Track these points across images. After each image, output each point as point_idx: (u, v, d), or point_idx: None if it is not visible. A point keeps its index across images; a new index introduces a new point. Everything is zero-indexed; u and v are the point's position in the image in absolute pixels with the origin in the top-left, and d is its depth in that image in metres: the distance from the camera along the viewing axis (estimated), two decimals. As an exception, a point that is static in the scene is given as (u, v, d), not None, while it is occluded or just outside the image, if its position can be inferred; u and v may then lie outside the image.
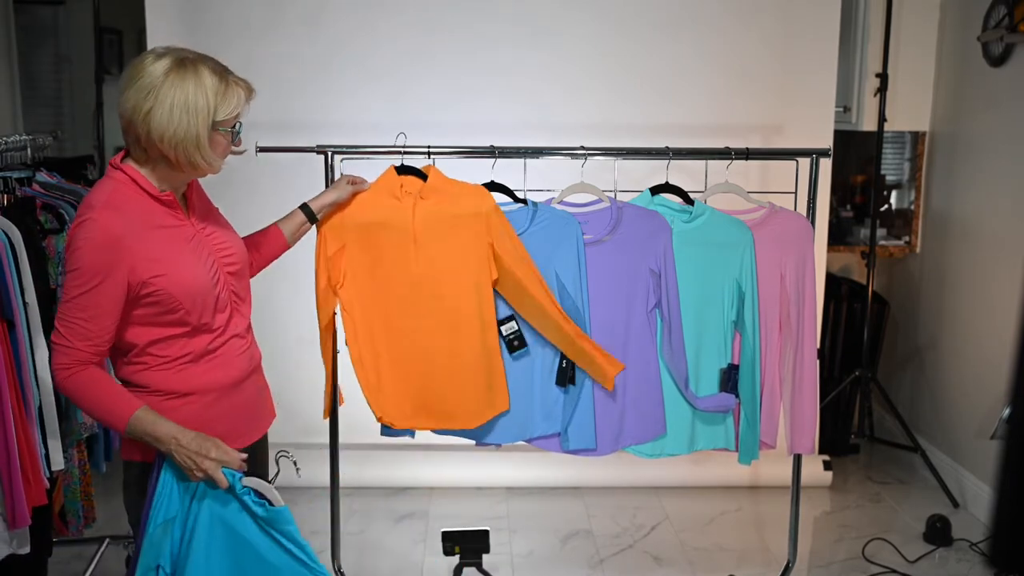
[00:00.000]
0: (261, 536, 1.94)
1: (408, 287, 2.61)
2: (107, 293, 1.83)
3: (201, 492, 1.92)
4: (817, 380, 2.83)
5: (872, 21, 4.11)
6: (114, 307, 1.85)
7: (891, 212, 4.37)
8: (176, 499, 1.92)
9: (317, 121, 3.65)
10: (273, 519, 1.93)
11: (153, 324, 1.92)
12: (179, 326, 1.93)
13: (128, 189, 1.90)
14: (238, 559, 1.94)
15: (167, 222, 1.94)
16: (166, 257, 1.89)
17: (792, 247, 2.76)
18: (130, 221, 1.86)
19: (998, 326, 3.59)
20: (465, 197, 2.62)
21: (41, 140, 3.14)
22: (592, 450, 2.71)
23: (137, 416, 1.86)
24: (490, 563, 3.05)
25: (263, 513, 1.93)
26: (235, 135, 1.97)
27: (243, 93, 1.95)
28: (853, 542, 3.46)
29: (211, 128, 1.89)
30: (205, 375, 1.99)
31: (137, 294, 1.87)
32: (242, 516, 1.94)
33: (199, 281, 1.93)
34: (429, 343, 2.63)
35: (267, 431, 2.23)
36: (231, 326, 2.03)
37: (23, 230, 2.56)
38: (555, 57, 3.72)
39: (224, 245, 2.05)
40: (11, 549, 2.49)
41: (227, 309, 2.02)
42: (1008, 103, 3.56)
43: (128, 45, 5.82)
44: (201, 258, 1.96)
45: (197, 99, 1.86)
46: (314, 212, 2.49)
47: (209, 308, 1.96)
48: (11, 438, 2.41)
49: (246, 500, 1.93)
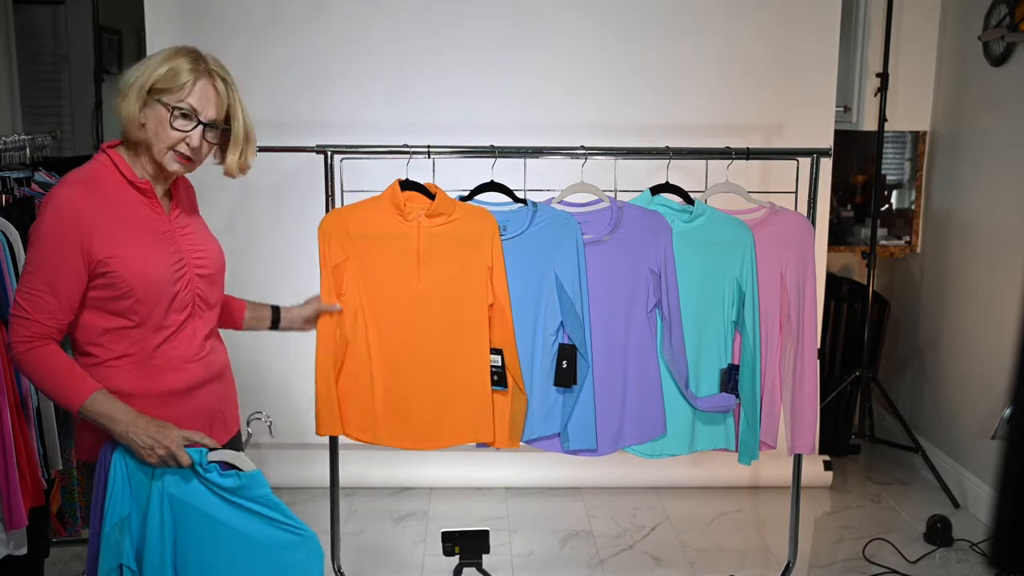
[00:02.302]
0: (233, 511, 1.92)
1: (409, 303, 2.61)
2: (69, 266, 1.83)
3: (157, 481, 1.89)
4: (817, 380, 2.83)
5: (872, 21, 4.11)
6: (76, 282, 1.85)
7: (891, 212, 4.36)
8: (128, 495, 1.89)
9: (317, 121, 3.65)
10: (247, 485, 1.91)
11: (105, 310, 1.90)
12: (129, 317, 1.90)
13: (106, 172, 1.93)
14: (214, 541, 1.92)
15: (139, 210, 1.94)
16: (127, 241, 1.89)
17: (792, 247, 2.76)
18: (98, 200, 1.88)
19: (999, 326, 3.59)
20: (470, 219, 2.62)
21: (40, 140, 3.14)
22: (592, 450, 2.71)
23: (95, 397, 1.85)
24: (490, 563, 3.04)
25: (235, 483, 1.91)
26: (182, 118, 1.91)
27: (188, 69, 1.90)
28: (853, 542, 3.46)
29: (147, 89, 1.88)
30: (154, 376, 1.95)
31: (94, 272, 1.86)
32: (210, 498, 1.91)
33: (156, 271, 1.90)
34: (426, 360, 2.62)
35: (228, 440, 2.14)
36: (187, 329, 1.99)
37: (21, 230, 2.56)
38: (555, 57, 3.72)
39: (199, 247, 2.03)
40: (8, 550, 2.49)
41: (186, 310, 1.98)
42: (1009, 103, 3.56)
43: (127, 45, 5.82)
44: (166, 252, 1.94)
45: (143, 67, 1.90)
46: (279, 322, 2.40)
47: (163, 303, 1.92)
48: (8, 439, 2.41)
49: (211, 477, 1.90)
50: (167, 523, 1.90)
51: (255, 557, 1.94)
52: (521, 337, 2.66)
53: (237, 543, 1.93)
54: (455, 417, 2.65)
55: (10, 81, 4.44)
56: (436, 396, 2.64)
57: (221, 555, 1.93)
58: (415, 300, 2.61)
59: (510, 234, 2.65)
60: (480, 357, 2.63)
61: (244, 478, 1.92)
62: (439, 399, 2.64)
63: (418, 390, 2.63)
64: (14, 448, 2.42)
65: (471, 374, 2.63)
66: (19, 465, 2.44)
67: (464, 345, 2.62)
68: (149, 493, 1.89)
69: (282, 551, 1.95)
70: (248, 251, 3.67)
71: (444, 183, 2.65)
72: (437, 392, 2.63)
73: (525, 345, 2.67)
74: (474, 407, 2.64)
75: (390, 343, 2.63)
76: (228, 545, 1.93)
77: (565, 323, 2.67)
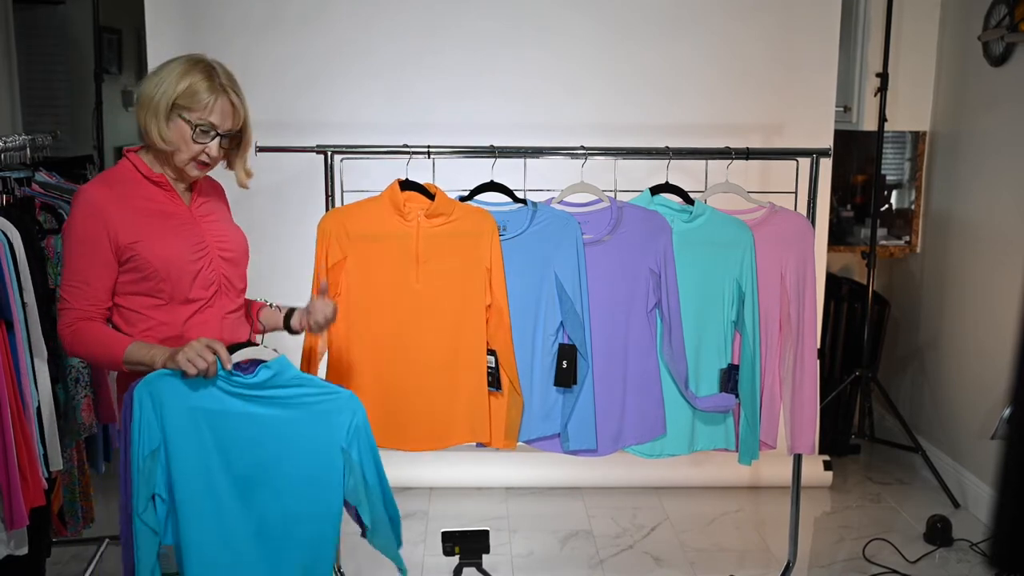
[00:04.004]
0: (269, 406, 2.01)
1: (407, 303, 2.61)
2: (99, 257, 2.03)
3: (187, 403, 1.95)
4: (817, 380, 2.83)
5: (872, 21, 4.11)
6: (107, 269, 2.04)
7: (891, 212, 4.36)
8: (156, 426, 1.95)
9: (317, 121, 3.65)
10: (279, 372, 2.01)
11: (136, 292, 2.07)
12: (157, 296, 2.08)
13: (126, 172, 2.12)
14: (260, 437, 2.00)
15: (158, 200, 2.12)
16: (147, 227, 2.06)
17: (792, 247, 2.76)
18: (119, 195, 2.07)
19: (999, 326, 3.59)
20: (470, 219, 2.62)
21: (40, 140, 3.13)
22: (592, 450, 2.71)
23: (130, 348, 2.00)
24: (490, 563, 3.04)
25: (267, 374, 2.00)
26: (203, 133, 2.07)
27: (206, 88, 2.05)
28: (853, 542, 3.46)
29: (169, 107, 2.04)
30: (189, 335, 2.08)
31: (122, 258, 2.05)
32: (243, 404, 1.99)
33: (174, 251, 2.07)
34: (423, 360, 2.62)
35: None
36: (215, 305, 2.15)
37: (22, 230, 2.56)
38: (555, 57, 3.72)
39: (222, 234, 2.20)
40: (9, 550, 2.49)
41: (212, 287, 2.14)
42: (1008, 103, 3.56)
43: (128, 45, 5.82)
44: (186, 235, 2.11)
45: (162, 84, 2.05)
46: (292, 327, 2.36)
47: (186, 279, 2.08)
48: (9, 438, 2.41)
49: (240, 381, 1.98)
50: (206, 437, 1.98)
51: (307, 437, 2.03)
52: (521, 337, 2.66)
53: (284, 430, 2.02)
54: (452, 417, 2.65)
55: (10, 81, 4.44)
56: (433, 396, 2.63)
57: (272, 447, 2.02)
58: (413, 300, 2.61)
59: (510, 234, 2.65)
60: (478, 357, 2.63)
61: (274, 366, 2.01)
62: (436, 399, 2.64)
63: (415, 390, 2.63)
64: (14, 448, 2.42)
65: (469, 374, 2.63)
66: (20, 465, 2.44)
67: (462, 345, 2.62)
68: (180, 419, 1.95)
69: (327, 419, 2.05)
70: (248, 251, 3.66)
71: (444, 183, 2.65)
72: (434, 392, 2.63)
73: (525, 345, 2.67)
74: (471, 407, 2.64)
75: (387, 343, 2.62)
76: (276, 435, 2.01)
77: (565, 323, 2.67)
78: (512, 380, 2.63)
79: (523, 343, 2.67)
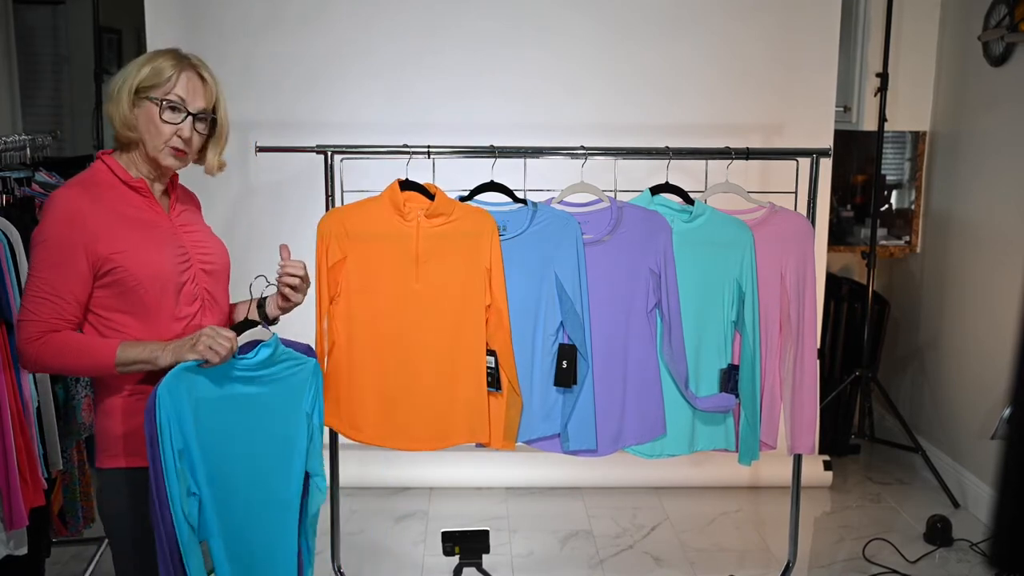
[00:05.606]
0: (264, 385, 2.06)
1: (406, 303, 2.60)
2: (72, 266, 1.86)
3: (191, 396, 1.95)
4: (817, 380, 2.83)
5: (872, 21, 4.11)
6: (79, 280, 1.88)
7: (891, 212, 4.36)
8: (178, 428, 1.93)
9: (317, 121, 3.65)
10: (273, 349, 2.05)
11: (117, 310, 1.92)
12: (137, 313, 1.93)
13: (102, 175, 1.97)
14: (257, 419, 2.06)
15: (138, 208, 1.98)
16: (129, 236, 1.92)
17: (792, 247, 2.76)
18: (96, 199, 1.91)
19: (999, 326, 3.59)
20: (469, 219, 2.61)
21: (40, 140, 3.13)
22: (592, 450, 2.71)
23: (120, 350, 1.87)
24: (490, 563, 3.04)
25: (269, 351, 2.03)
26: (172, 111, 1.95)
27: (170, 65, 1.95)
28: (853, 542, 3.46)
29: (133, 91, 1.94)
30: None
31: (99, 270, 1.89)
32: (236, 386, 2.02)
33: (160, 262, 1.93)
34: (423, 360, 2.62)
35: None
36: (200, 321, 2.01)
37: (22, 230, 2.56)
38: (555, 57, 3.72)
39: (203, 244, 2.06)
40: (8, 550, 2.49)
41: (196, 303, 2.01)
42: (1008, 103, 3.56)
43: (127, 45, 5.82)
44: (169, 245, 1.98)
45: (126, 71, 1.97)
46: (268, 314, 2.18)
47: (170, 294, 1.95)
48: (8, 439, 2.41)
49: (244, 363, 2.01)
50: (217, 426, 2.01)
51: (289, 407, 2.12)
52: (521, 337, 2.66)
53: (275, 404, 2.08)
54: (451, 417, 2.64)
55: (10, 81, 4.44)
56: (433, 396, 2.63)
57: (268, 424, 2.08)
58: (413, 300, 2.60)
59: (510, 234, 2.65)
60: (477, 358, 2.62)
61: (272, 343, 2.05)
62: (436, 399, 2.63)
63: (415, 390, 2.63)
64: (14, 448, 2.42)
65: (468, 374, 2.63)
66: (19, 465, 2.44)
67: (462, 345, 2.62)
68: (197, 413, 1.96)
69: (300, 388, 2.13)
70: (248, 251, 3.64)
71: (444, 183, 2.65)
72: (434, 392, 2.63)
73: (525, 345, 2.67)
74: (471, 407, 2.63)
75: (387, 343, 2.62)
76: (271, 411, 2.08)
77: (565, 323, 2.67)
78: (511, 380, 2.63)
79: (523, 343, 2.66)
